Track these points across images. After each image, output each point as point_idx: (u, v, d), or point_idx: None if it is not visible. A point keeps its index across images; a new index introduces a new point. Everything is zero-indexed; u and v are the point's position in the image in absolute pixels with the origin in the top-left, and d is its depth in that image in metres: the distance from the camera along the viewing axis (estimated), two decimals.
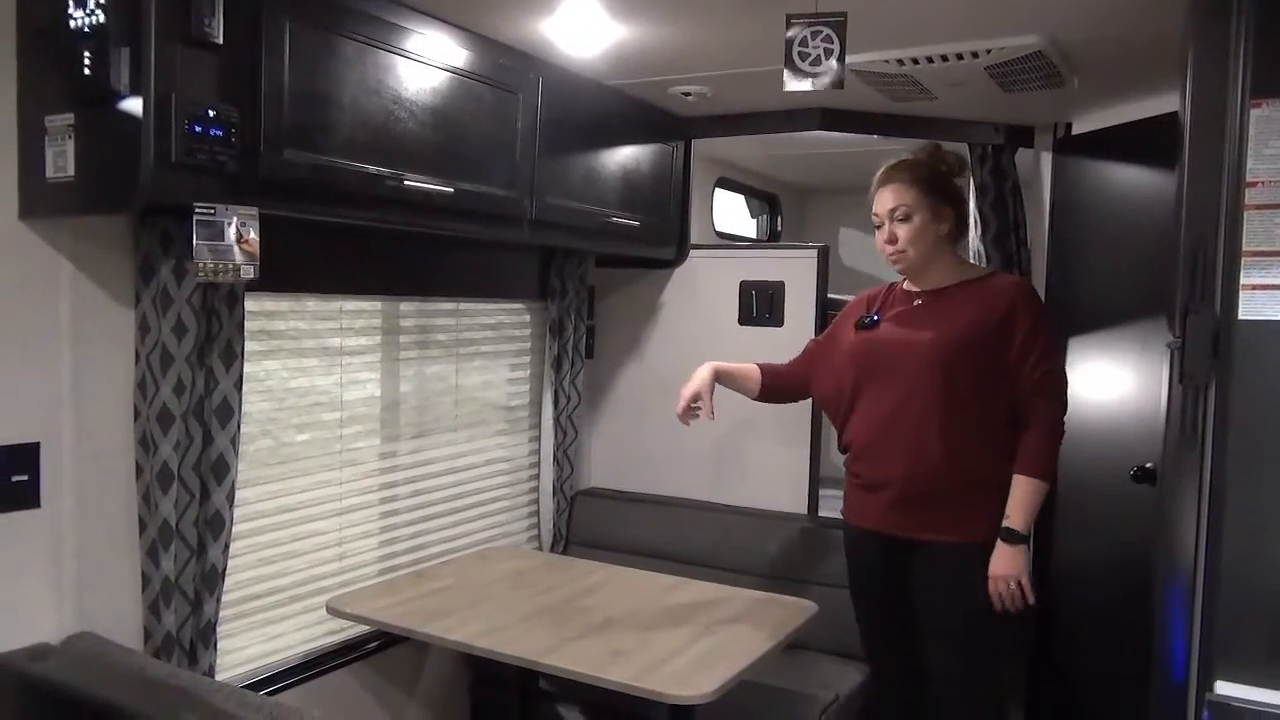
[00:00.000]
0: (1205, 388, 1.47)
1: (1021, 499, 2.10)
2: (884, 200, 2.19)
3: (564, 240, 2.57)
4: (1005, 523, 2.10)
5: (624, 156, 2.73)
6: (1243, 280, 1.41)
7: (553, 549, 3.00)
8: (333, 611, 2.17)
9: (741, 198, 4.44)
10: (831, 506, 3.14)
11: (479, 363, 2.76)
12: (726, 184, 3.99)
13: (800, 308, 2.95)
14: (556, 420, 2.93)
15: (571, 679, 1.85)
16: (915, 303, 2.24)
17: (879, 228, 2.21)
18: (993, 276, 2.25)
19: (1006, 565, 2.10)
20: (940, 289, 2.22)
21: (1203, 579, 1.48)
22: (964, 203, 2.28)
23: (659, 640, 1.99)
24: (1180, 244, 1.51)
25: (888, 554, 2.23)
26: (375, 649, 2.44)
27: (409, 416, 2.53)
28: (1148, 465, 2.54)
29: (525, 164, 2.31)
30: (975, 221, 3.02)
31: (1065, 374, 2.18)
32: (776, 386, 2.48)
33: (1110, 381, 2.71)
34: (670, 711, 2.00)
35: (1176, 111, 1.57)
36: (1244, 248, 1.41)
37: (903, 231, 2.16)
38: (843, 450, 2.35)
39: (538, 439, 2.98)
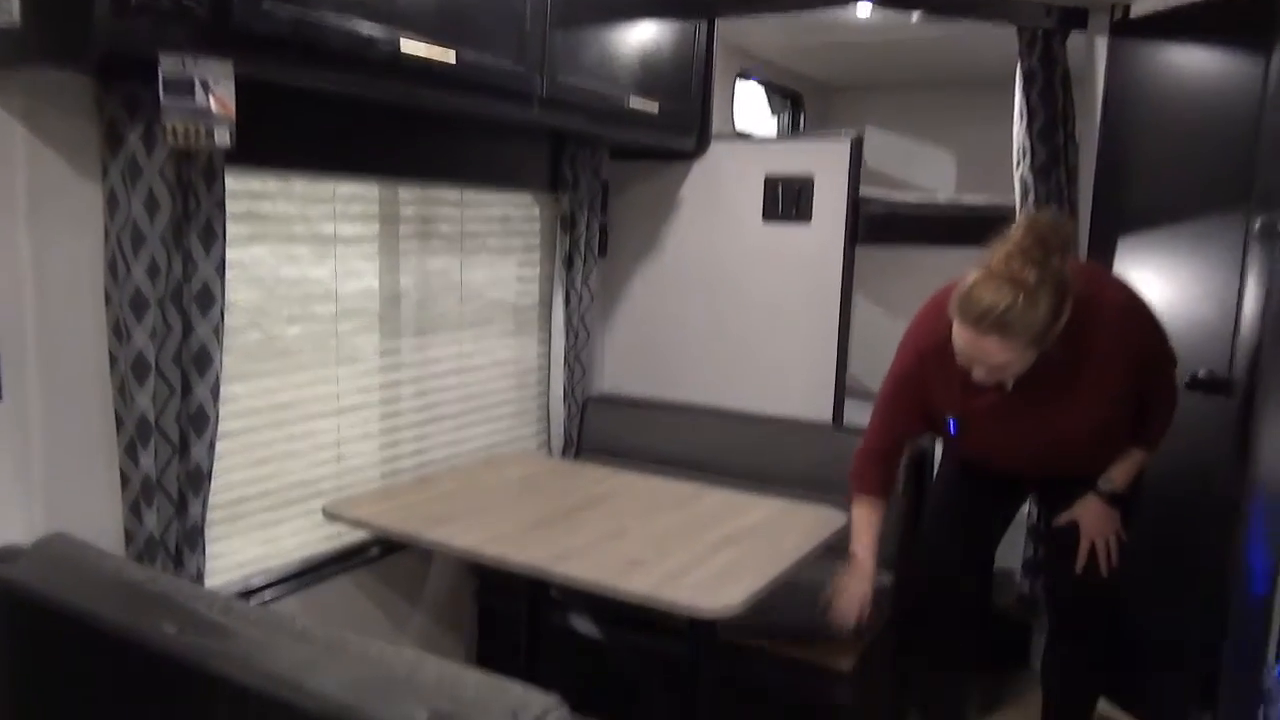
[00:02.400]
0: None
1: (1132, 467, 2.06)
2: (978, 355, 1.78)
3: (578, 124, 2.36)
4: (1108, 485, 2.05)
5: (643, 35, 2.50)
6: None
7: (563, 456, 2.86)
8: (330, 515, 2.04)
9: (762, 95, 4.20)
10: (857, 415, 3.00)
11: (485, 258, 2.58)
12: (748, 78, 3.76)
13: (830, 203, 2.75)
14: (568, 321, 2.76)
15: (585, 590, 1.71)
16: (1007, 386, 1.91)
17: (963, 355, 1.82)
18: (1087, 308, 1.80)
19: (1104, 523, 2.05)
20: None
21: None
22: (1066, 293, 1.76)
23: (678, 550, 1.85)
24: None
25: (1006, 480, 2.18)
26: (377, 556, 2.33)
27: (411, 313, 2.36)
28: (1200, 374, 2.38)
29: (535, 36, 2.09)
30: (1021, 114, 2.80)
31: (1176, 358, 2.04)
32: (892, 483, 2.19)
33: (1166, 285, 2.52)
34: (690, 624, 1.88)
35: None
36: None
37: (1004, 373, 1.83)
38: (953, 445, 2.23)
39: (548, 341, 2.81)
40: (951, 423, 2.02)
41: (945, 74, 3.95)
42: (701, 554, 1.84)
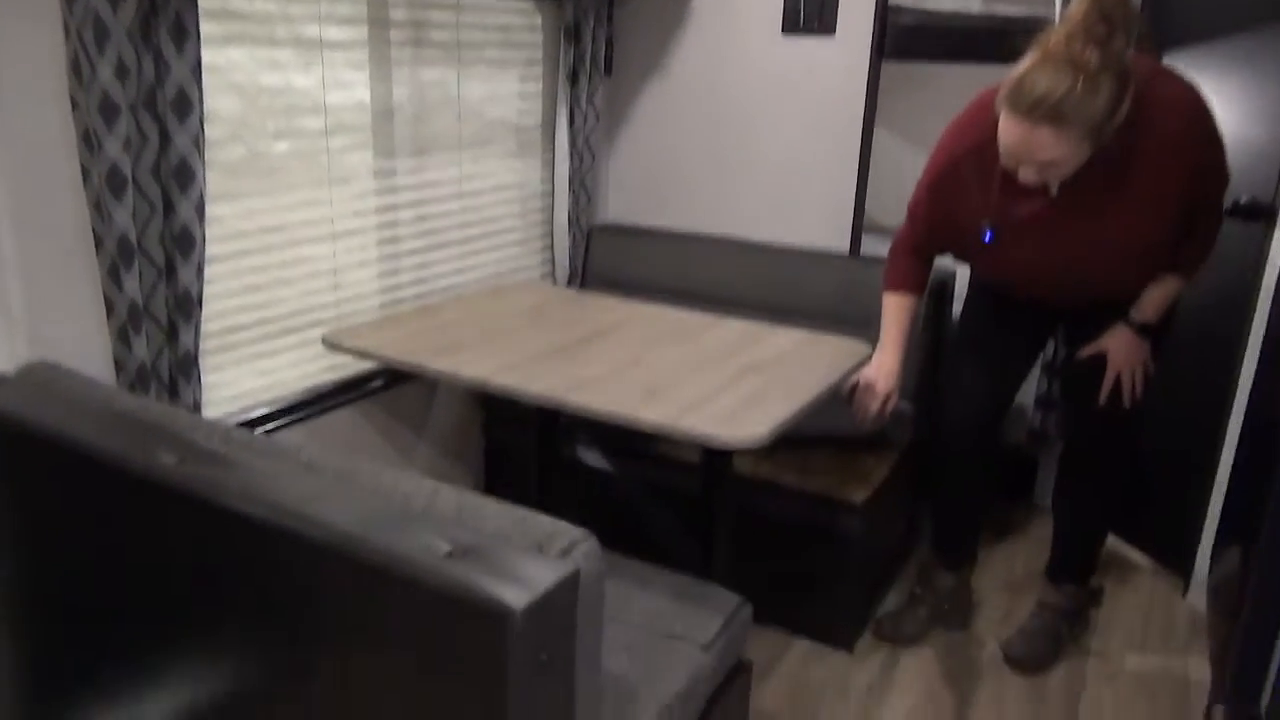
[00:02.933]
0: None
1: (1164, 296, 1.94)
2: (1031, 146, 1.62)
3: None
4: (1139, 316, 1.95)
5: None
6: None
7: (568, 287, 2.75)
8: (330, 345, 1.94)
9: None
10: (875, 247, 2.87)
11: (483, 70, 2.38)
12: None
13: (856, 12, 2.53)
14: (573, 143, 2.59)
15: (599, 420, 1.64)
16: (1051, 192, 1.78)
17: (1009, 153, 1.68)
18: (1145, 106, 1.65)
19: (1133, 355, 1.96)
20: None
21: None
22: (1127, 83, 1.61)
23: (696, 380, 1.77)
24: None
25: (1034, 308, 2.08)
26: (380, 387, 2.25)
27: (406, 130, 2.19)
28: (1243, 199, 2.26)
29: None
30: None
31: (1228, 174, 1.85)
32: (925, 282, 2.09)
33: (1212, 102, 2.36)
34: (706, 454, 1.83)
35: None
36: None
37: (1054, 172, 1.69)
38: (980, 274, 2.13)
39: (551, 164, 2.65)
40: (988, 233, 1.86)
41: None
42: (722, 383, 1.75)
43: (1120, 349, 1.97)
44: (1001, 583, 2.60)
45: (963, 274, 2.93)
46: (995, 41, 2.63)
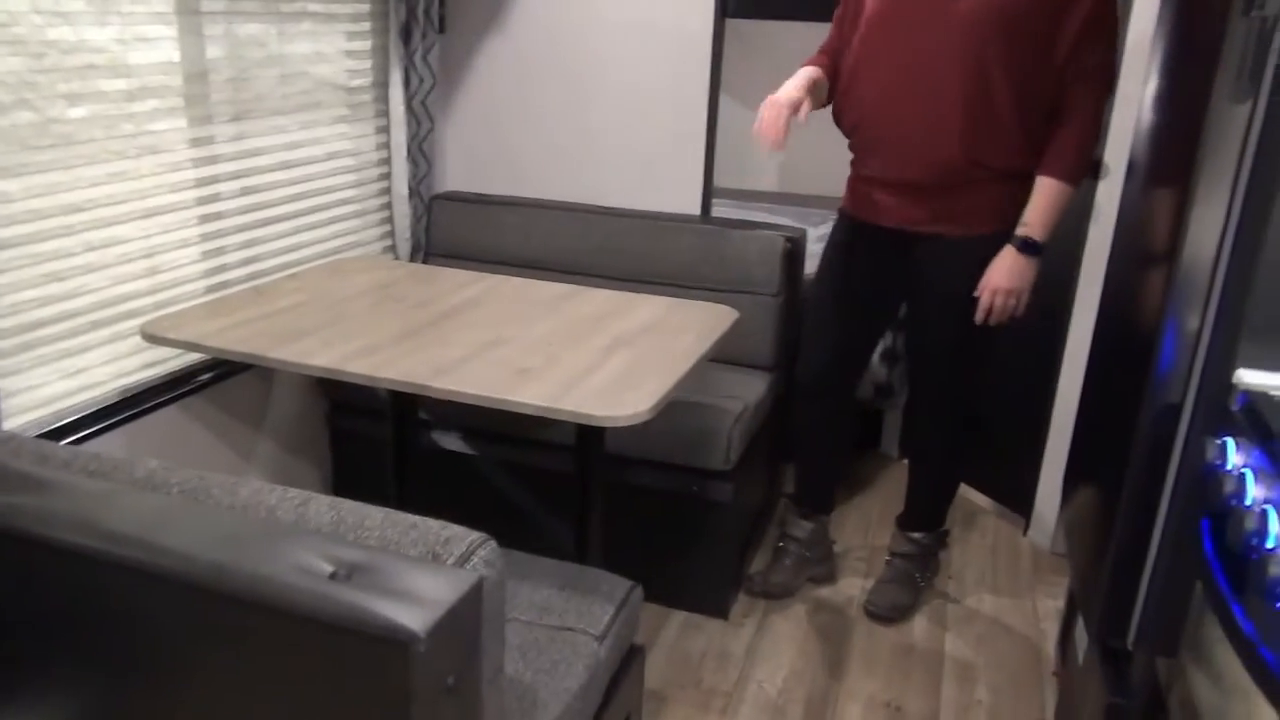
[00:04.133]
0: (1276, 22, 1.19)
1: (1046, 204, 1.87)
2: None
3: None
4: (1023, 230, 1.89)
5: None
6: None
7: (412, 260, 2.58)
8: (150, 338, 1.72)
9: None
10: (724, 211, 2.85)
11: (307, 26, 2.17)
12: None
13: None
14: (409, 106, 2.42)
15: (474, 404, 1.52)
16: None
17: None
18: None
19: (1013, 277, 1.91)
20: None
21: (1228, 251, 1.27)
22: None
23: (568, 356, 1.68)
24: None
25: (884, 244, 2.04)
26: (210, 380, 2.04)
27: (223, 92, 1.97)
28: None
29: None
30: None
31: (1116, 69, 1.88)
32: (834, 78, 2.04)
33: None
34: (579, 432, 1.75)
35: None
36: None
37: None
38: (845, 130, 2.05)
39: (386, 129, 2.46)
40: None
41: None
42: (594, 359, 1.67)
43: (1002, 269, 1.91)
44: (860, 532, 2.67)
45: (813, 234, 2.97)
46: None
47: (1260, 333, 1.26)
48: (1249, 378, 1.23)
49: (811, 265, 2.42)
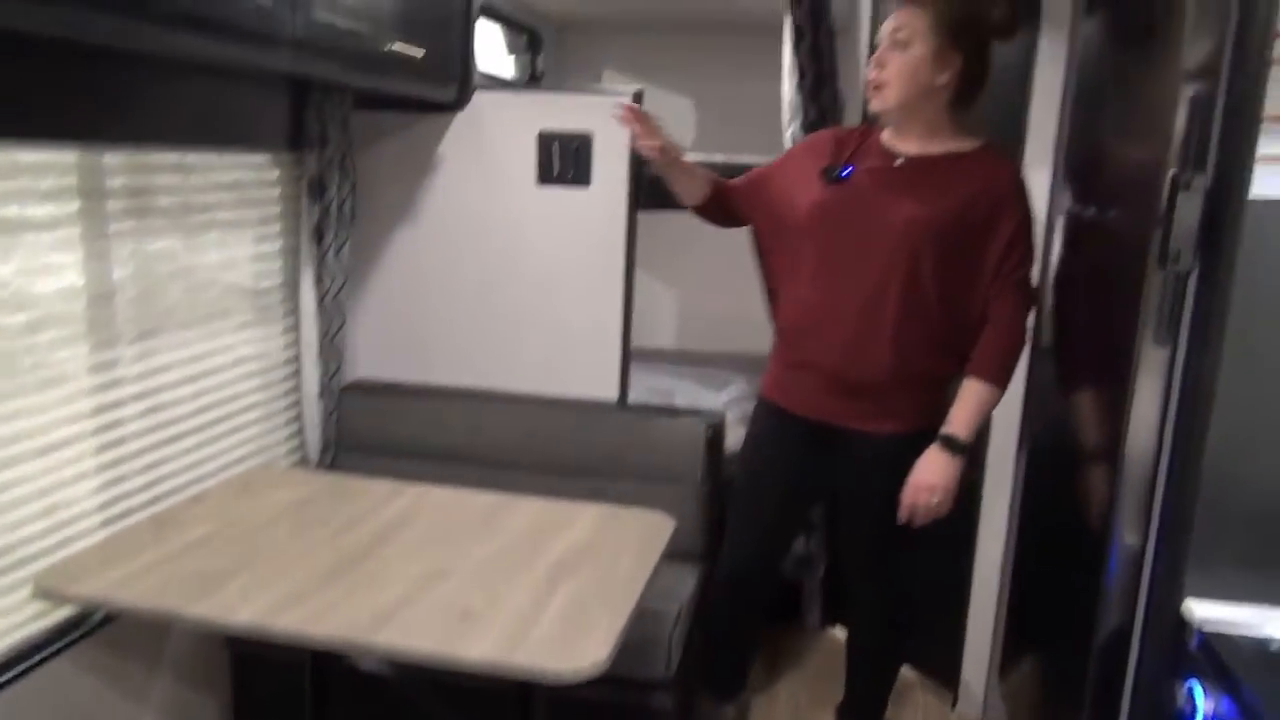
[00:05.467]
0: (1189, 274, 1.28)
1: (972, 405, 1.91)
2: (894, 19, 1.86)
3: (336, 72, 1.95)
4: (948, 429, 1.91)
5: None
6: (1261, 151, 1.20)
7: (322, 459, 2.47)
8: (46, 594, 1.56)
9: (499, 33, 3.86)
10: (642, 393, 2.85)
11: (216, 235, 2.10)
12: (488, 13, 3.41)
13: (612, 164, 2.52)
14: (321, 303, 2.35)
15: (420, 663, 1.42)
16: (896, 162, 1.92)
17: (873, 51, 1.90)
18: (985, 154, 1.93)
19: (936, 474, 1.91)
20: (925, 156, 1.91)
21: (1163, 483, 1.33)
22: (982, 62, 1.89)
23: (509, 590, 1.60)
24: (1181, 100, 1.27)
25: (806, 437, 2.06)
26: (101, 622, 1.85)
27: (129, 312, 1.86)
28: None
29: None
30: (791, 71, 2.73)
31: (1033, 283, 1.97)
32: (722, 200, 2.14)
33: None
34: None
35: None
36: (1267, 112, 1.19)
37: (894, 60, 1.83)
38: (777, 326, 2.10)
39: (295, 329, 2.38)
40: (847, 169, 1.96)
41: (698, 19, 3.83)
42: (539, 593, 1.60)
43: (927, 467, 1.91)
44: (790, 714, 2.60)
45: (717, 399, 2.99)
46: None
47: (1206, 562, 1.30)
48: (1200, 611, 1.26)
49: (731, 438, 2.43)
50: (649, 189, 2.53)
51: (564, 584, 1.64)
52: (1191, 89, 1.23)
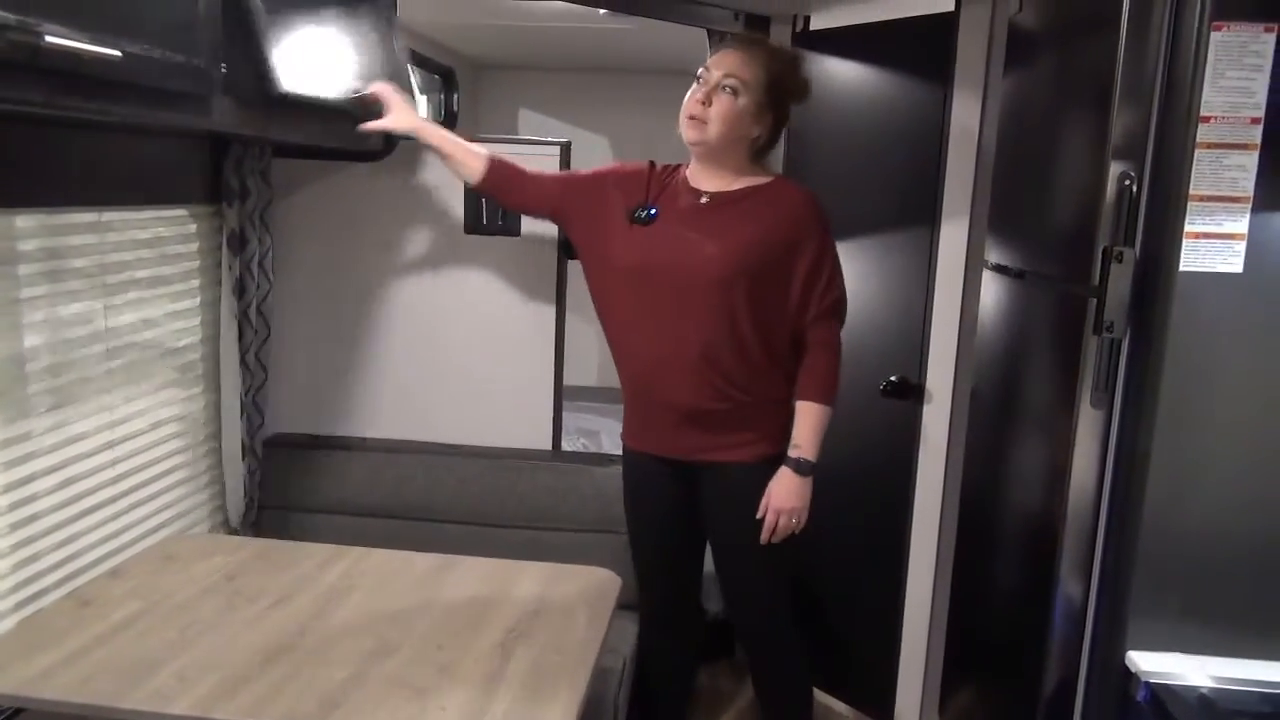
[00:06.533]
0: (1121, 341, 1.35)
1: (811, 426, 2.00)
2: (724, 63, 1.91)
3: (267, 129, 1.89)
4: (795, 452, 1.99)
5: (318, 10, 2.06)
6: (1187, 227, 1.27)
7: (245, 519, 2.37)
8: None
9: (412, 73, 3.80)
10: (567, 431, 2.83)
11: (134, 295, 2.00)
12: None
13: None
14: (242, 359, 2.27)
15: None
16: (701, 200, 2.00)
17: (698, 82, 1.94)
18: (780, 184, 2.03)
19: (792, 497, 1.99)
20: (728, 191, 2.00)
21: (1103, 539, 1.39)
22: (783, 125, 2.04)
23: (464, 665, 1.57)
24: (1107, 178, 1.34)
25: (672, 478, 2.10)
26: (14, 712, 1.73)
27: (41, 382, 1.76)
28: (894, 379, 2.53)
29: (211, 17, 1.61)
30: None
31: (846, 298, 2.06)
32: (506, 177, 2.15)
33: (854, 292, 2.65)
34: None
35: (913, 16, 1.37)
36: (1191, 190, 1.27)
37: (721, 104, 1.90)
38: (619, 369, 2.12)
39: (216, 387, 2.29)
40: (651, 209, 2.01)
41: (616, 61, 3.86)
42: (494, 664, 1.57)
43: (780, 490, 1.98)
44: None
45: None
46: None
47: (1148, 614, 1.36)
48: (1144, 662, 1.32)
49: None
50: None
51: (517, 651, 1.61)
52: (1119, 166, 1.30)
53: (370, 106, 2.08)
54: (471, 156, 2.14)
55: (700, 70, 1.94)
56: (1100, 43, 1.44)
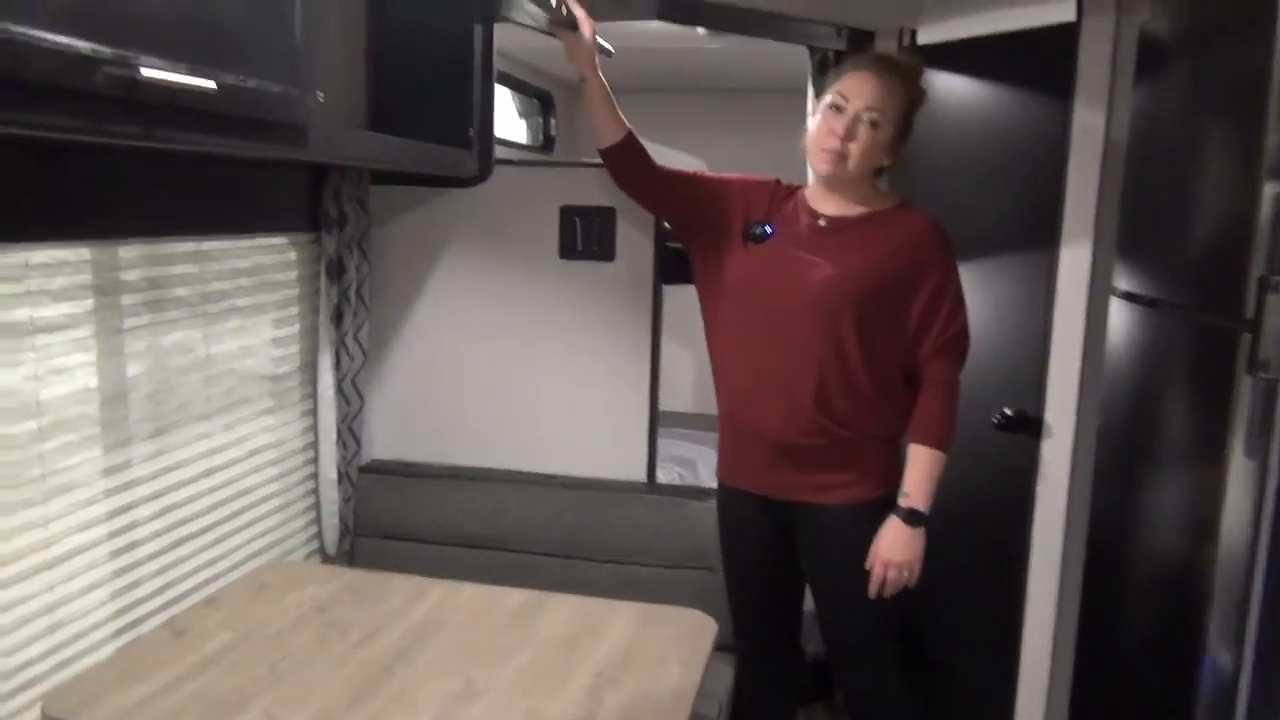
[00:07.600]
0: (1278, 382, 1.20)
1: (923, 473, 1.86)
2: (864, 93, 1.81)
3: (360, 158, 1.89)
4: (905, 501, 1.86)
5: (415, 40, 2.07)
6: None
7: (340, 546, 2.37)
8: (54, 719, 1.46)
9: (509, 97, 3.82)
10: (661, 460, 2.76)
11: (234, 322, 2.02)
12: (500, 79, 3.38)
13: (635, 238, 2.47)
14: (339, 387, 2.27)
15: None
16: (819, 222, 1.90)
17: (836, 110, 1.82)
18: (903, 211, 1.92)
19: (903, 550, 1.85)
20: (848, 216, 1.90)
21: (1259, 604, 1.24)
22: (905, 142, 1.94)
23: (550, 708, 1.50)
24: (1261, 199, 1.20)
25: (767, 515, 1.98)
26: None
27: (143, 410, 1.78)
28: (1009, 412, 2.37)
29: (308, 46, 1.60)
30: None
31: (969, 334, 1.92)
32: (640, 152, 2.03)
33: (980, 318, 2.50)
34: None
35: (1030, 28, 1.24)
36: None
37: (864, 136, 1.81)
38: (717, 391, 2.03)
39: (312, 413, 2.29)
40: (767, 227, 1.93)
41: (711, 81, 3.81)
42: (582, 711, 1.50)
43: (889, 542, 1.85)
44: None
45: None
46: None
47: None
48: None
49: None
50: (674, 262, 2.47)
51: (607, 698, 1.54)
52: (1275, 187, 1.16)
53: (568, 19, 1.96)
54: (617, 117, 2.00)
55: (833, 96, 1.83)
56: (1249, 49, 1.31)
